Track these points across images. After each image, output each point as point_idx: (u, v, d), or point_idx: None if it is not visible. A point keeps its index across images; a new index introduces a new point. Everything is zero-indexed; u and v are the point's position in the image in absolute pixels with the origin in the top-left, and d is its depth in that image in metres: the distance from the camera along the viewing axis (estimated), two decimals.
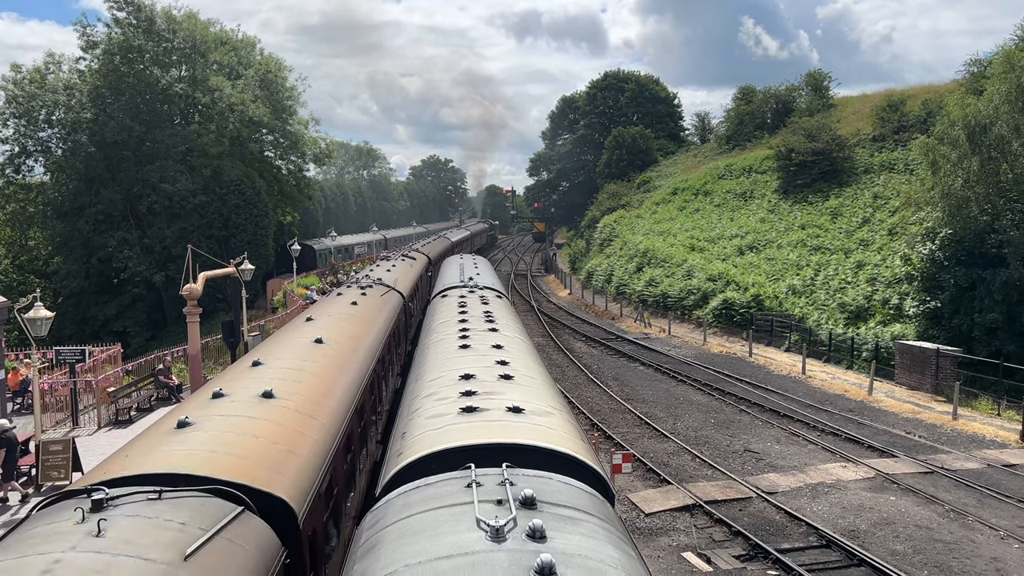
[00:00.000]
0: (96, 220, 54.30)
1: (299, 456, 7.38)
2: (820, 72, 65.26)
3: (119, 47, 53.37)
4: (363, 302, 18.08)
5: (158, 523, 5.16)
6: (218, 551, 5.13)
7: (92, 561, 4.52)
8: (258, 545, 5.60)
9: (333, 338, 12.63)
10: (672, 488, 17.07)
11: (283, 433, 7.61)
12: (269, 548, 5.73)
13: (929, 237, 30.31)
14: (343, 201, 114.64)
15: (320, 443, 8.07)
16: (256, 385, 8.77)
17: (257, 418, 7.73)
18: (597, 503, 5.80)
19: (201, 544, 5.03)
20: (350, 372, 11.25)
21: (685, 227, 55.49)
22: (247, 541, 5.50)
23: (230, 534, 5.40)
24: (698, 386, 27.53)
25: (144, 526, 5.08)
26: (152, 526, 5.10)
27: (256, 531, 5.75)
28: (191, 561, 4.82)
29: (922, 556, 13.67)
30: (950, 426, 22.48)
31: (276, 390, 8.64)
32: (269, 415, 7.92)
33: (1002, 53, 31.26)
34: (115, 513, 5.19)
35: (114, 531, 4.91)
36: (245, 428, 7.37)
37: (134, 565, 4.57)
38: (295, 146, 64.17)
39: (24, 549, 4.72)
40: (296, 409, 8.43)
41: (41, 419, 18.04)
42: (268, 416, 7.87)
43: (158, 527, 5.10)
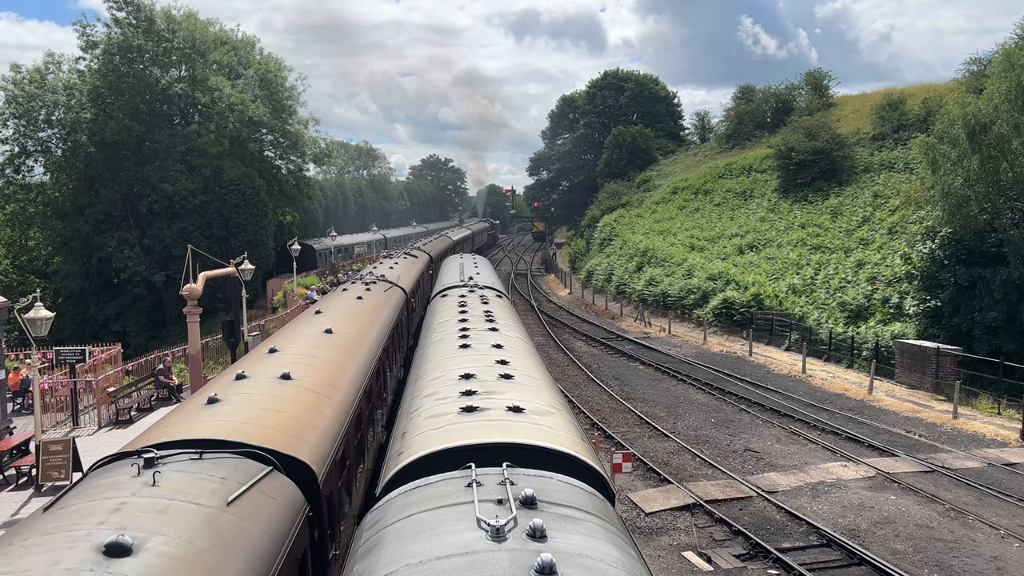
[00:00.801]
0: (96, 220, 54.30)
1: (317, 428, 8.29)
2: (820, 71, 65.33)
3: (119, 47, 53.35)
4: (368, 297, 18.88)
5: (202, 477, 6.07)
6: (254, 500, 6.06)
7: (152, 504, 5.40)
8: (286, 498, 6.54)
9: (341, 329, 13.51)
10: (672, 487, 17.07)
11: (301, 409, 8.51)
12: (295, 502, 6.66)
13: (929, 236, 30.31)
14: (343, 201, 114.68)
15: (334, 419, 8.98)
16: (274, 369, 9.69)
17: (278, 396, 8.63)
18: (597, 502, 5.80)
19: (240, 494, 5.94)
20: (358, 359, 12.16)
21: (685, 226, 55.50)
22: (277, 494, 6.44)
23: (263, 488, 6.32)
24: (698, 385, 27.53)
25: (191, 479, 5.98)
26: (197, 479, 6.00)
27: (284, 487, 6.69)
28: (233, 507, 5.75)
29: (922, 555, 13.67)
30: (950, 425, 22.48)
31: (293, 373, 9.53)
32: (288, 394, 8.81)
33: (1002, 52, 31.25)
34: (165, 469, 6.07)
35: (166, 482, 5.81)
36: (268, 404, 8.26)
37: (187, 508, 5.46)
38: (295, 146, 64.15)
39: (93, 495, 5.59)
40: (312, 389, 9.34)
41: (41, 419, 18.04)
42: (287, 395, 8.77)
43: (202, 480, 6.02)
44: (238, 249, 42.14)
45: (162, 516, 5.25)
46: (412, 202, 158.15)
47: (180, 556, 4.80)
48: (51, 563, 4.33)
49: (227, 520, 5.54)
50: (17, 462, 17.82)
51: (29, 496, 16.43)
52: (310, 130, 67.23)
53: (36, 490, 16.61)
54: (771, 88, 68.47)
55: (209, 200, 54.71)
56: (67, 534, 4.82)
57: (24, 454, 18.36)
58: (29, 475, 17.38)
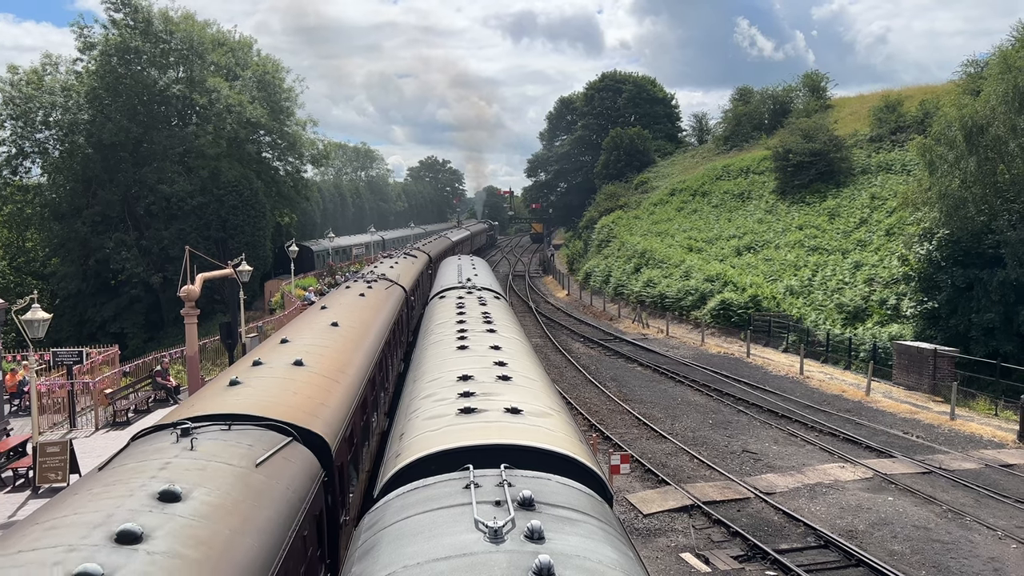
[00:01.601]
0: (93, 221, 54.21)
1: (329, 407, 9.29)
2: (817, 73, 65.46)
3: (116, 48, 53.28)
4: (370, 294, 19.84)
5: (232, 444, 7.05)
6: (278, 464, 7.04)
7: (192, 463, 6.39)
8: (304, 464, 7.54)
9: (346, 323, 14.55)
10: (670, 489, 17.07)
11: (314, 391, 9.53)
12: (312, 468, 7.68)
13: (926, 237, 30.35)
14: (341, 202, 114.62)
15: (343, 401, 10.00)
16: (287, 356, 10.70)
17: (292, 380, 9.64)
18: (595, 504, 5.80)
19: (266, 458, 6.91)
20: (362, 350, 13.18)
21: (683, 228, 55.54)
22: (297, 460, 7.46)
23: (284, 455, 7.31)
24: (696, 387, 27.54)
25: (222, 445, 6.95)
26: (228, 445, 6.98)
27: (302, 455, 7.70)
28: (260, 468, 6.72)
29: (920, 556, 13.68)
30: (948, 426, 22.51)
31: (305, 360, 10.55)
32: (301, 378, 9.80)
33: (999, 54, 31.31)
34: (199, 437, 7.02)
35: (202, 447, 6.78)
36: (284, 386, 9.28)
37: (222, 467, 6.44)
38: (293, 147, 64.10)
39: (142, 457, 6.59)
40: (322, 374, 10.36)
41: (38, 421, 18.01)
42: (301, 379, 9.77)
43: (233, 446, 7.01)
44: (236, 250, 42.09)
45: (202, 473, 6.22)
46: (410, 203, 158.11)
47: (220, 504, 5.76)
48: (116, 506, 5.31)
49: (256, 478, 6.55)
50: (14, 464, 17.79)
51: (26, 498, 16.39)
52: (308, 131, 67.24)
53: (33, 492, 16.57)
54: (769, 90, 68.56)
55: (207, 201, 54.64)
56: (125, 485, 5.80)
57: (21, 456, 18.33)
58: (26, 477, 17.34)
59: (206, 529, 5.34)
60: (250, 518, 5.85)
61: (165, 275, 51.80)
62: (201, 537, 5.20)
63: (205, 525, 5.38)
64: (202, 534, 5.25)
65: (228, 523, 5.58)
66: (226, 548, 5.28)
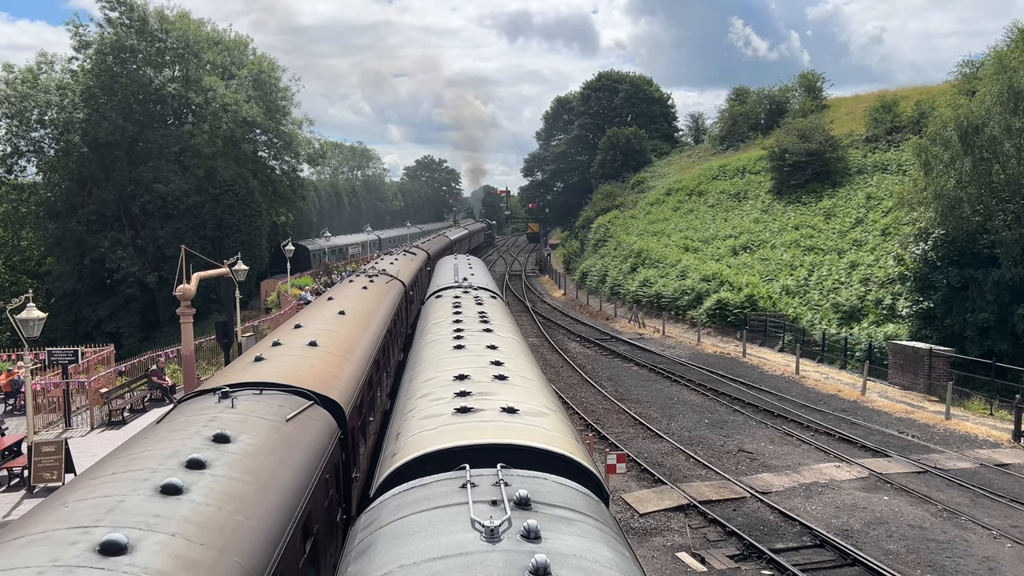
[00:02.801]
0: (89, 220, 54.07)
1: (342, 380, 10.77)
2: (813, 73, 65.46)
3: (112, 47, 53.14)
4: (372, 288, 21.48)
5: (264, 404, 8.56)
6: (303, 421, 8.50)
7: (235, 417, 7.87)
8: (324, 423, 9.01)
9: (352, 312, 16.08)
10: (666, 488, 17.09)
11: (328, 366, 11.00)
12: (331, 427, 9.14)
13: (922, 237, 30.42)
14: (337, 201, 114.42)
15: (353, 376, 11.49)
16: (303, 339, 12.23)
17: (309, 357, 11.16)
18: (592, 503, 5.80)
19: (294, 415, 8.41)
20: (367, 335, 14.76)
21: (679, 227, 55.58)
22: (318, 419, 8.93)
23: (308, 414, 8.74)
24: (692, 386, 27.57)
25: (257, 405, 8.46)
26: (262, 405, 8.49)
27: (322, 415, 9.14)
28: (289, 423, 8.18)
29: (915, 555, 13.71)
30: (943, 426, 22.56)
31: (318, 341, 12.06)
32: (317, 356, 11.34)
33: (994, 54, 31.40)
34: (237, 399, 8.48)
35: (241, 406, 8.27)
36: (303, 362, 10.80)
37: (259, 421, 7.92)
38: (289, 146, 63.99)
39: (192, 413, 8.04)
40: (334, 353, 11.85)
41: (34, 420, 17.96)
42: (316, 356, 11.30)
43: (265, 406, 8.48)
44: (232, 250, 42.01)
45: (244, 424, 7.65)
46: (407, 203, 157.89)
47: (261, 446, 7.25)
48: (181, 444, 6.78)
49: (287, 430, 8.02)
50: (9, 463, 17.74)
51: (21, 497, 16.36)
52: (304, 131, 67.14)
53: (28, 491, 16.53)
54: (765, 90, 68.59)
55: (203, 201, 54.53)
56: (185, 431, 7.29)
57: (16, 455, 18.28)
58: (21, 476, 17.30)
59: (253, 462, 6.80)
60: (285, 458, 7.33)
61: (161, 274, 51.68)
62: (250, 467, 6.65)
63: (252, 460, 6.83)
64: (250, 465, 6.69)
65: (269, 460, 7.07)
66: (270, 477, 6.75)
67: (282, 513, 6.38)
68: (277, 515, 6.27)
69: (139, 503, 5.40)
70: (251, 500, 6.13)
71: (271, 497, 6.42)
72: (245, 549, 5.44)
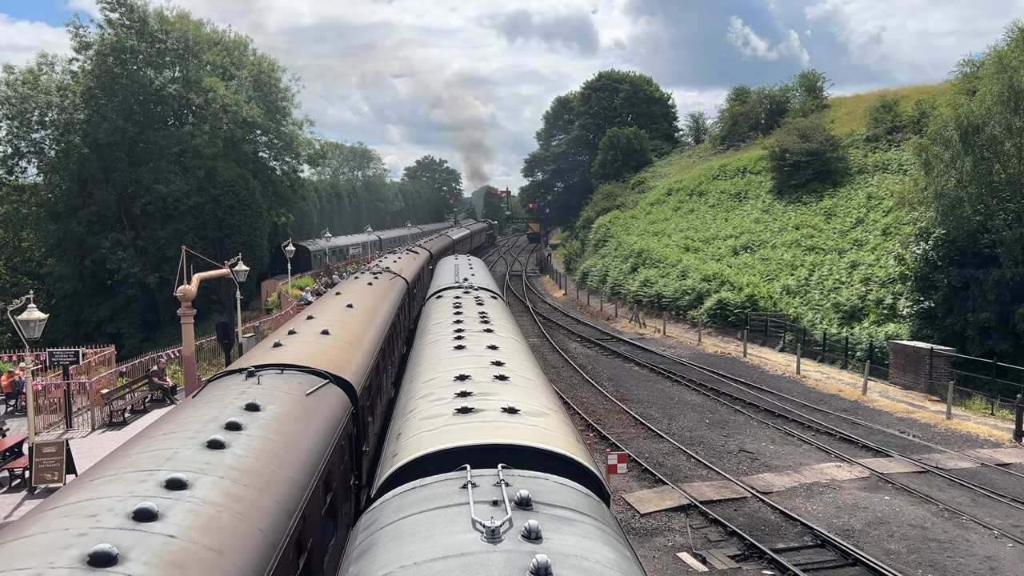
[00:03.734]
0: (89, 221, 54.07)
1: (353, 364, 11.89)
2: (813, 73, 65.41)
3: (112, 48, 53.14)
4: (376, 284, 22.84)
5: (286, 381, 9.66)
6: (321, 396, 9.55)
7: (261, 391, 8.91)
8: (339, 399, 10.10)
9: (359, 305, 17.34)
10: (667, 488, 17.08)
11: (340, 352, 12.14)
12: (344, 403, 10.18)
13: (923, 237, 30.41)
14: (338, 202, 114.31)
15: (363, 361, 12.64)
16: (316, 328, 13.43)
17: (323, 343, 12.33)
18: (593, 504, 5.80)
19: (312, 391, 9.46)
20: (374, 326, 16.01)
21: (680, 227, 55.56)
22: (334, 395, 10.01)
23: (325, 390, 9.83)
24: (693, 386, 27.57)
25: (280, 382, 9.55)
26: (284, 382, 9.58)
27: (337, 392, 10.24)
28: (309, 397, 9.23)
29: (916, 555, 13.71)
30: (944, 425, 22.56)
31: (330, 330, 13.16)
32: (329, 342, 12.44)
33: (994, 54, 31.36)
34: (262, 378, 9.56)
35: (265, 383, 9.35)
36: (317, 347, 11.91)
37: (282, 395, 8.99)
38: (289, 147, 63.97)
39: (224, 389, 9.14)
40: (345, 341, 13.04)
41: (35, 421, 17.97)
42: (329, 343, 12.42)
43: (287, 383, 9.58)
44: (232, 250, 42.02)
45: (270, 396, 8.72)
46: (407, 203, 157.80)
47: (287, 414, 8.37)
48: (218, 412, 7.83)
49: (308, 402, 9.09)
50: (10, 464, 17.75)
51: (22, 498, 16.37)
52: (304, 131, 67.13)
53: (29, 492, 16.54)
54: (765, 90, 68.56)
55: (203, 201, 54.53)
56: (219, 402, 8.35)
57: (17, 456, 18.29)
58: (22, 477, 17.31)
59: (281, 427, 7.88)
60: (307, 426, 8.42)
61: (161, 275, 51.68)
62: (278, 431, 7.75)
63: (280, 424, 7.94)
64: (279, 429, 7.79)
65: (294, 426, 8.15)
66: (295, 439, 7.82)
67: (307, 468, 7.47)
68: (303, 469, 7.38)
69: (191, 454, 6.46)
70: (281, 455, 7.22)
71: (298, 454, 7.53)
72: (280, 491, 6.56)
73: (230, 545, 5.28)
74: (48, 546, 4.61)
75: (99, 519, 4.97)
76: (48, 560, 4.42)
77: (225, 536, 5.35)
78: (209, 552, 5.02)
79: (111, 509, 5.11)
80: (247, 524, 5.71)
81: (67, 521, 4.97)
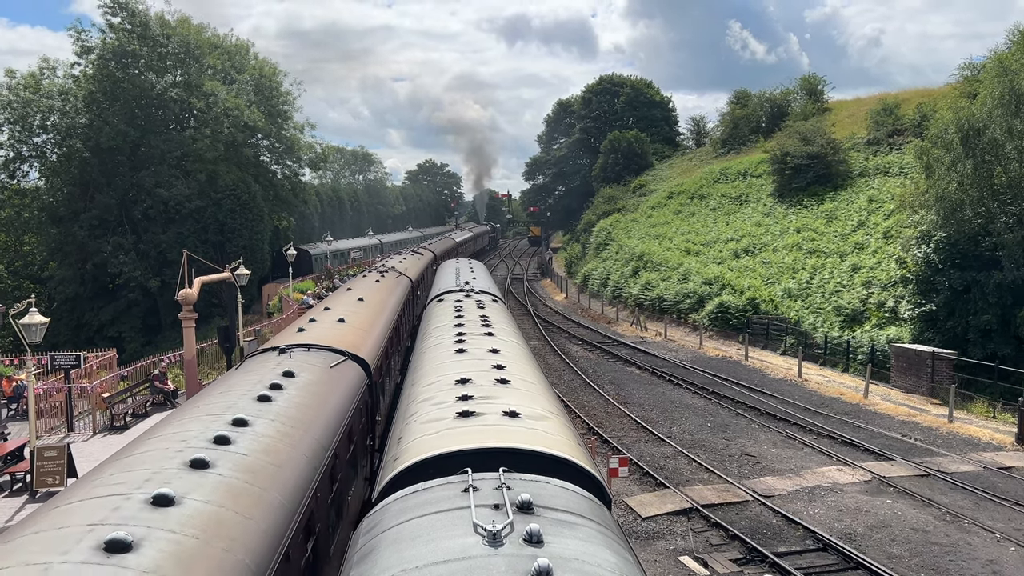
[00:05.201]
0: (91, 225, 54.12)
1: (367, 345, 13.92)
2: (814, 76, 65.43)
3: (113, 52, 53.25)
4: (383, 281, 25.08)
5: (313, 357, 11.60)
6: (343, 369, 11.57)
7: (293, 363, 10.70)
8: (357, 373, 12.07)
9: (369, 299, 19.56)
10: (669, 492, 17.06)
11: (356, 335, 14.20)
12: (361, 376, 12.16)
13: (924, 240, 30.39)
14: (339, 206, 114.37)
15: (375, 344, 14.69)
16: (333, 316, 15.71)
17: (340, 328, 14.47)
18: (594, 507, 5.79)
19: (335, 365, 11.46)
20: (383, 317, 18.14)
21: (681, 231, 55.57)
22: (353, 369, 12.05)
23: (345, 365, 11.84)
24: (694, 390, 27.55)
25: (308, 358, 11.48)
26: (311, 358, 11.52)
27: (356, 367, 12.26)
28: (333, 370, 11.19)
29: (919, 559, 13.68)
30: (946, 429, 22.53)
31: (345, 319, 15.37)
32: (346, 328, 14.61)
33: (995, 57, 31.37)
34: (293, 354, 11.54)
35: (295, 358, 11.24)
36: (337, 331, 14.08)
37: (311, 367, 10.85)
38: (290, 151, 64.05)
39: (262, 362, 11.04)
40: (358, 327, 15.13)
41: (36, 425, 17.97)
42: (345, 328, 14.57)
43: (314, 358, 11.52)
44: (234, 254, 42.03)
45: (301, 367, 10.60)
46: (408, 207, 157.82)
47: (316, 381, 10.31)
48: (260, 378, 9.70)
49: (332, 373, 11.12)
50: (12, 468, 17.74)
51: (23, 502, 16.36)
52: (305, 135, 67.23)
53: (31, 496, 16.53)
54: (766, 93, 68.61)
55: (204, 205, 54.60)
56: (260, 371, 10.27)
57: (19, 460, 18.28)
58: (24, 481, 17.30)
59: (312, 389, 9.85)
60: (333, 390, 10.36)
61: (163, 279, 51.72)
62: (311, 392, 9.74)
63: (311, 387, 9.90)
64: (311, 391, 9.75)
65: (323, 389, 10.14)
66: (324, 399, 9.74)
67: (335, 419, 9.44)
68: (332, 419, 9.35)
69: (245, 406, 8.34)
70: (315, 408, 9.19)
71: (327, 409, 9.51)
72: (317, 434, 8.51)
73: (285, 463, 7.27)
74: (158, 457, 6.60)
75: (190, 442, 6.98)
76: (161, 464, 6.39)
77: (281, 456, 7.33)
78: (271, 466, 7.02)
79: (197, 436, 7.19)
80: (296, 451, 7.70)
81: (168, 443, 7.05)
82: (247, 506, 6.06)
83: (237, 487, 6.25)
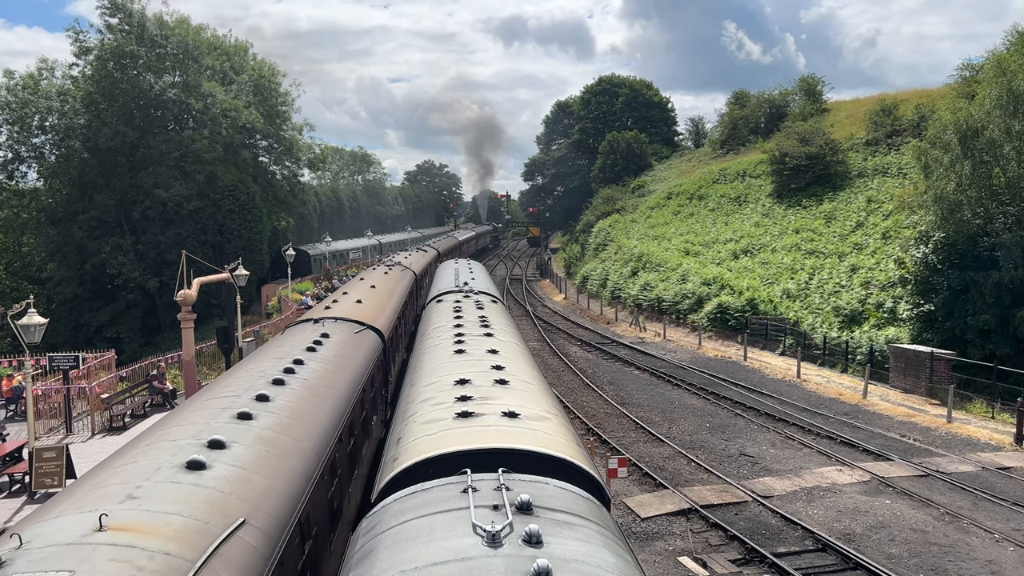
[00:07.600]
0: (90, 226, 54.09)
1: (381, 318, 18.05)
2: (813, 76, 65.45)
3: (112, 53, 53.22)
4: (391, 273, 29.42)
5: (340, 326, 15.44)
6: (363, 335, 15.41)
7: (323, 330, 14.36)
8: (374, 339, 15.88)
9: (380, 287, 23.69)
10: (668, 492, 17.06)
11: (371, 312, 18.17)
12: (377, 342, 15.92)
13: (922, 240, 30.40)
14: (338, 206, 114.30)
15: (388, 318, 19.00)
16: (352, 298, 19.82)
17: (359, 306, 18.43)
18: (593, 508, 5.79)
19: (358, 332, 15.47)
20: (393, 300, 22.52)
21: (680, 231, 55.58)
22: (371, 336, 15.87)
23: (365, 332, 15.70)
24: (693, 390, 27.55)
25: (336, 326, 15.30)
26: (339, 327, 15.32)
27: (373, 334, 16.06)
28: (356, 335, 15.08)
29: (917, 559, 13.69)
30: (945, 429, 22.54)
31: (363, 300, 19.42)
32: (364, 307, 18.53)
33: (993, 58, 31.39)
34: (324, 323, 15.54)
35: (327, 328, 14.81)
36: (357, 308, 18.15)
37: (340, 333, 14.67)
38: (289, 152, 64.02)
39: (300, 331, 14.64)
40: (373, 307, 19.08)
41: (34, 426, 17.95)
42: (363, 307, 18.50)
43: (341, 327, 15.33)
44: (232, 255, 42.02)
45: (332, 333, 14.11)
46: (407, 207, 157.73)
47: (344, 342, 13.96)
48: (303, 340, 13.10)
49: (356, 338, 14.76)
50: (10, 469, 17.72)
51: (22, 503, 16.34)
52: (304, 136, 67.20)
53: (29, 497, 16.51)
54: (765, 94, 68.65)
55: (203, 206, 54.57)
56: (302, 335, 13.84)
57: (17, 461, 18.26)
58: (22, 482, 17.28)
59: (342, 349, 13.21)
60: (357, 351, 13.74)
61: (162, 279, 51.70)
62: (341, 350, 13.09)
63: (341, 347, 13.32)
64: (341, 349, 13.17)
65: (350, 348, 13.56)
66: (351, 356, 13.04)
67: (362, 365, 12.98)
68: (359, 371, 12.55)
69: (299, 354, 11.58)
70: (345, 363, 12.37)
71: (355, 362, 12.88)
72: (348, 380, 11.64)
73: (325, 402, 9.89)
74: (247, 381, 9.74)
75: (250, 386, 9.37)
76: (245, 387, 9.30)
77: (329, 384, 10.72)
78: (324, 388, 10.34)
79: (261, 376, 9.99)
80: (338, 381, 11.17)
81: (228, 389, 9.29)
82: (314, 406, 9.45)
83: (304, 396, 9.58)
